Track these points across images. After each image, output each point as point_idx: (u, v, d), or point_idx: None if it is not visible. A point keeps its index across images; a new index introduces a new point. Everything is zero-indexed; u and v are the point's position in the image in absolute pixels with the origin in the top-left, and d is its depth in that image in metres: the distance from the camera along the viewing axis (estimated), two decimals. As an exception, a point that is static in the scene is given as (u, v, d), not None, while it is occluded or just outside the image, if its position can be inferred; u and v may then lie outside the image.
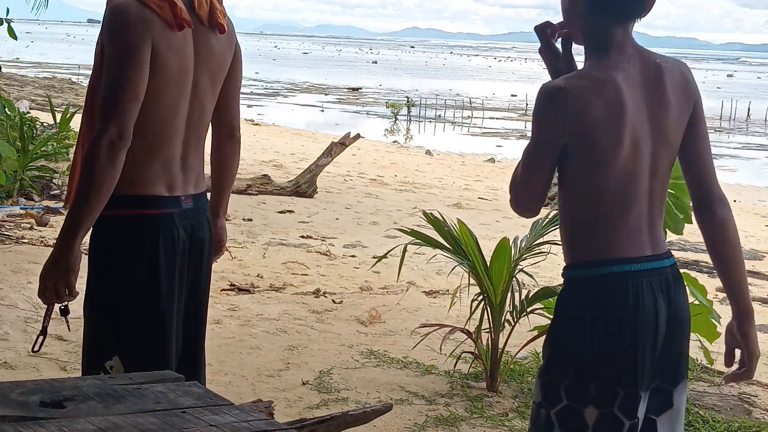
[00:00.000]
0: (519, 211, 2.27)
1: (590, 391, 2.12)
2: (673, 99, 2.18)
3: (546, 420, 2.19)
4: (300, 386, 4.49)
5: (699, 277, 7.54)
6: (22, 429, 1.52)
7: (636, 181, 2.15)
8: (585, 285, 2.17)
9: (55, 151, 10.91)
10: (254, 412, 1.72)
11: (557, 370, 2.18)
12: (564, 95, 2.10)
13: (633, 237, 2.16)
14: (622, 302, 2.11)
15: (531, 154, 2.19)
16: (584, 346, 2.13)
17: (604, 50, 2.16)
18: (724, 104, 44.09)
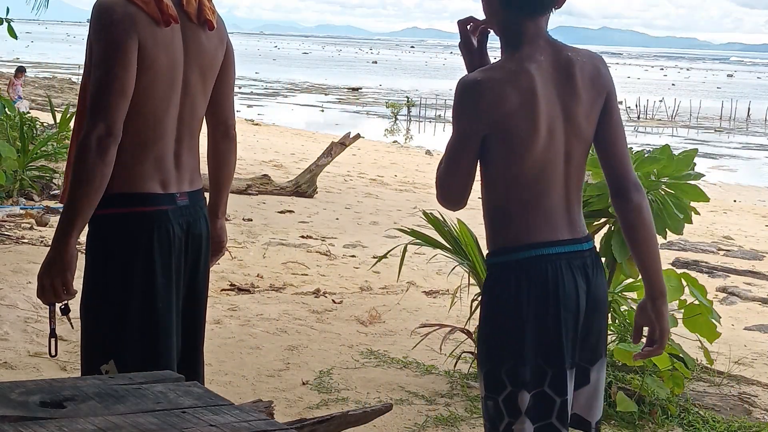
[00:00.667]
0: (445, 203, 2.34)
1: (522, 375, 2.21)
2: (584, 90, 2.26)
3: (495, 410, 2.25)
4: (300, 386, 4.49)
5: (699, 277, 7.54)
6: (22, 429, 1.52)
7: (551, 169, 2.24)
8: (507, 270, 2.25)
9: (55, 151, 10.91)
10: (254, 412, 1.71)
11: (495, 357, 2.26)
12: (481, 87, 2.19)
13: (550, 222, 2.25)
14: (542, 285, 2.21)
15: (453, 147, 2.27)
16: (513, 331, 2.22)
17: (517, 43, 2.25)
18: (724, 104, 44.08)
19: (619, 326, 4.74)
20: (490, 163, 2.25)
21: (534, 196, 2.24)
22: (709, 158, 27.53)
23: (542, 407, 2.22)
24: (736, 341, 6.07)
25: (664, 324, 2.37)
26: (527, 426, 2.23)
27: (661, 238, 4.22)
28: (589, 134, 2.30)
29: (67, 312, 2.54)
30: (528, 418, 2.22)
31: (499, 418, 2.25)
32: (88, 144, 2.38)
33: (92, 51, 2.48)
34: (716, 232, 13.60)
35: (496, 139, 2.21)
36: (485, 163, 2.26)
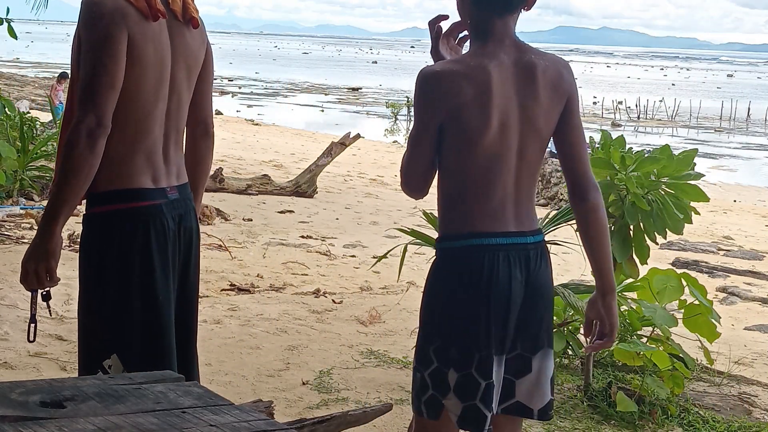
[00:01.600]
0: (408, 191, 2.45)
1: (452, 354, 2.34)
2: (544, 92, 2.35)
3: (422, 382, 2.40)
4: (300, 386, 4.49)
5: (699, 277, 7.54)
6: (22, 429, 1.52)
7: (502, 162, 2.33)
8: (449, 256, 2.38)
9: (55, 151, 10.91)
10: (254, 412, 1.71)
11: (427, 334, 2.40)
12: (438, 78, 2.29)
13: (495, 213, 2.34)
14: (477, 273, 2.32)
15: (414, 136, 2.38)
16: (447, 313, 2.36)
17: (482, 39, 2.36)
18: (724, 104, 44.08)
19: (619, 326, 4.74)
20: (444, 153, 2.35)
21: (482, 187, 2.34)
22: (709, 158, 27.53)
23: (468, 388, 2.34)
24: (736, 341, 6.07)
25: (613, 319, 2.46)
26: (456, 402, 2.36)
27: (661, 238, 4.23)
28: (546, 134, 2.40)
29: (48, 299, 2.58)
30: (456, 395, 2.35)
31: (423, 390, 2.39)
32: (78, 135, 2.40)
33: (81, 44, 2.50)
34: (716, 232, 13.60)
35: (450, 129, 2.31)
36: (440, 152, 2.36)
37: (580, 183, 2.45)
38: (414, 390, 2.44)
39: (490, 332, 2.33)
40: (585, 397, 4.40)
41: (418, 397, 2.41)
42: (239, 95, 44.15)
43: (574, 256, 5.16)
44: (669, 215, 4.14)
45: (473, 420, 2.36)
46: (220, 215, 10.15)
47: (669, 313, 4.46)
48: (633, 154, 4.26)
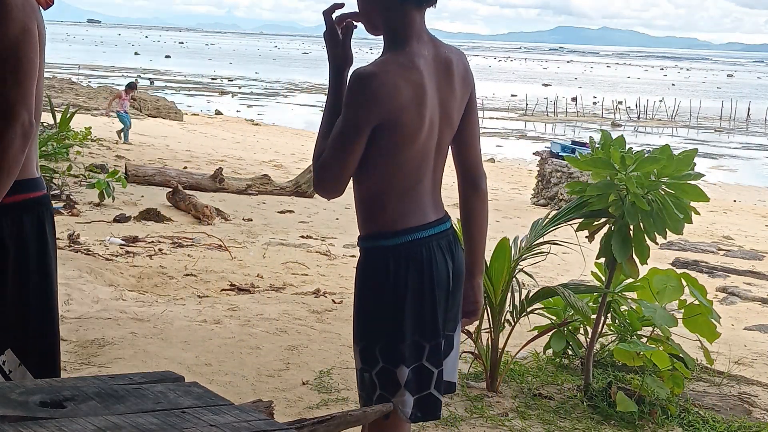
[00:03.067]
0: (325, 192, 2.42)
1: (400, 351, 2.37)
2: (458, 85, 2.42)
3: (370, 382, 2.42)
4: (300, 386, 4.49)
5: (699, 277, 7.55)
6: (22, 429, 1.51)
7: (428, 158, 2.40)
8: (385, 254, 2.38)
9: (55, 151, 10.93)
10: (254, 412, 1.71)
11: (371, 335, 2.40)
12: (377, 81, 2.26)
13: (423, 206, 2.43)
14: (419, 266, 2.37)
15: (345, 136, 2.32)
16: (391, 311, 2.36)
17: (406, 38, 2.35)
18: (724, 104, 44.06)
19: (619, 326, 4.74)
20: (377, 152, 2.33)
21: (412, 183, 2.39)
22: (709, 158, 27.54)
23: (421, 379, 2.40)
24: (736, 341, 6.07)
25: (479, 297, 2.62)
26: (407, 398, 2.40)
27: (661, 238, 4.23)
28: (456, 126, 2.47)
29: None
30: (408, 390, 2.40)
31: (373, 389, 2.43)
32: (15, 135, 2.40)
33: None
34: (716, 232, 13.60)
35: (387, 129, 2.30)
36: (370, 151, 2.34)
37: (474, 172, 2.57)
38: (363, 390, 2.46)
39: (437, 321, 2.41)
40: (585, 397, 4.40)
41: (369, 396, 2.44)
42: (239, 95, 44.18)
43: (574, 256, 5.16)
44: (669, 215, 4.14)
45: (429, 408, 2.44)
46: (220, 215, 10.16)
47: (669, 313, 4.46)
48: (633, 154, 4.25)
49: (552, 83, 69.74)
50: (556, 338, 4.88)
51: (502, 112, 42.69)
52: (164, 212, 9.72)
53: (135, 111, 26.40)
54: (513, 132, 34.03)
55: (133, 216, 9.38)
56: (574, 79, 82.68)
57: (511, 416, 4.21)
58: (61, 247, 7.30)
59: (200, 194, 11.09)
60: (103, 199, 9.88)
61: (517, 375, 4.76)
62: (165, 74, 55.77)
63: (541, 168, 16.29)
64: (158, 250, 7.85)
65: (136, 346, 4.87)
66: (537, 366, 4.96)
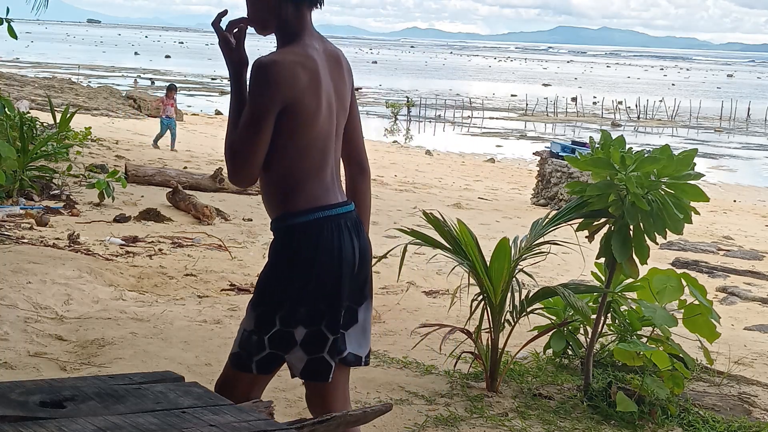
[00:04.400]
0: (239, 180, 2.56)
1: (300, 314, 2.57)
2: (346, 76, 2.70)
3: (257, 343, 2.60)
4: (300, 386, 4.47)
5: (699, 277, 7.54)
6: (22, 429, 1.51)
7: (329, 140, 2.61)
8: (298, 231, 2.57)
9: (55, 151, 10.91)
10: (254, 412, 1.71)
11: (274, 303, 2.58)
12: (277, 67, 2.46)
13: (329, 187, 2.63)
14: (329, 242, 2.58)
15: (254, 122, 2.50)
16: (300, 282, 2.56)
17: (299, 33, 2.58)
18: (724, 104, 44.05)
19: (619, 326, 4.74)
20: (282, 136, 2.52)
21: (317, 164, 2.59)
22: (709, 158, 27.53)
23: (316, 343, 2.60)
24: (736, 341, 6.07)
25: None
26: (301, 355, 2.61)
27: (661, 238, 4.23)
28: (348, 112, 2.71)
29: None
30: (302, 349, 2.60)
31: (258, 351, 2.61)
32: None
33: None
34: (716, 232, 13.60)
35: (290, 112, 2.49)
36: (275, 136, 2.52)
37: (362, 155, 2.82)
38: (245, 349, 2.62)
39: (340, 293, 2.60)
40: (585, 397, 4.40)
41: (249, 356, 2.62)
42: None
43: (574, 256, 5.16)
44: (669, 215, 4.14)
45: (320, 371, 2.64)
46: (220, 215, 10.15)
47: (669, 313, 4.46)
48: (633, 154, 4.25)
49: (552, 83, 69.73)
50: (556, 338, 4.88)
51: (502, 112, 42.68)
52: (164, 212, 9.71)
53: (135, 111, 26.43)
54: (513, 132, 34.03)
55: (133, 216, 9.38)
56: (574, 79, 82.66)
57: (511, 416, 4.20)
58: (61, 247, 7.30)
59: (200, 194, 11.08)
60: (103, 199, 9.88)
61: (517, 375, 4.76)
62: (165, 74, 55.75)
63: (541, 168, 16.29)
64: (158, 250, 7.84)
65: (136, 346, 4.86)
66: (537, 366, 4.96)
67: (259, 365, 2.65)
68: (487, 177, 20.20)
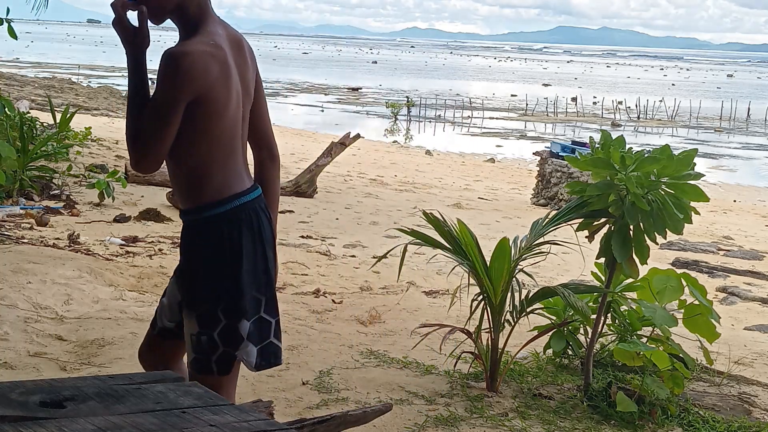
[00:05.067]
0: (145, 167, 2.54)
1: (241, 306, 2.58)
2: (250, 62, 2.70)
3: (209, 344, 2.59)
4: (300, 386, 4.49)
5: (699, 277, 7.54)
6: (22, 429, 1.51)
7: (238, 128, 2.62)
8: (219, 221, 2.58)
9: (55, 151, 10.91)
10: (254, 412, 1.71)
11: (213, 298, 2.58)
12: (189, 59, 2.45)
13: (241, 174, 2.65)
14: (251, 227, 2.60)
15: (163, 112, 2.48)
16: (231, 272, 2.57)
17: (204, 20, 2.56)
18: (724, 104, 44.06)
19: (619, 326, 4.74)
20: (193, 127, 2.51)
21: (229, 152, 2.60)
22: (709, 158, 27.54)
23: (261, 330, 2.63)
24: (736, 341, 6.07)
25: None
26: (251, 349, 2.61)
27: (661, 238, 4.23)
28: (253, 98, 2.73)
29: None
30: (251, 342, 2.61)
31: (213, 350, 2.59)
32: None
33: None
34: (716, 232, 13.60)
35: (201, 104, 2.48)
36: (186, 128, 2.51)
37: (270, 141, 2.87)
38: (201, 353, 2.60)
39: (270, 275, 2.65)
40: (585, 397, 4.40)
41: (207, 358, 2.60)
42: (239, 95, 44.08)
43: (574, 256, 5.16)
44: (669, 215, 4.14)
45: (271, 355, 2.67)
46: (220, 215, 10.15)
47: (669, 313, 4.46)
48: (633, 154, 4.25)
49: (552, 83, 69.74)
50: (556, 338, 4.89)
51: (502, 112, 42.68)
52: (164, 212, 9.71)
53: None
54: (513, 132, 34.03)
55: (133, 216, 9.38)
56: (574, 79, 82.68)
57: (511, 416, 4.21)
58: (61, 247, 7.30)
59: (200, 194, 11.08)
60: (103, 199, 9.88)
61: (517, 375, 4.77)
62: (165, 74, 55.67)
63: (541, 168, 16.29)
64: (158, 250, 7.84)
65: (136, 346, 4.84)
66: (537, 366, 4.96)
67: (219, 365, 2.61)
68: (487, 177, 20.20)
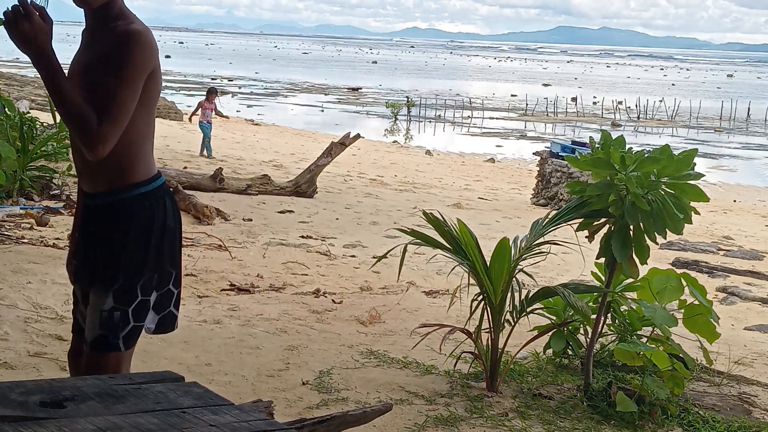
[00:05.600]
0: (105, 150, 2.52)
1: (155, 280, 2.70)
2: None
3: (121, 319, 2.66)
4: (300, 386, 4.49)
5: (699, 277, 7.54)
6: (22, 429, 1.51)
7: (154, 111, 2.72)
8: (147, 198, 2.67)
9: (55, 151, 10.90)
10: (254, 412, 1.71)
11: (133, 274, 2.66)
12: (146, 37, 2.54)
13: (153, 155, 2.75)
14: (169, 205, 2.72)
15: (129, 92, 2.52)
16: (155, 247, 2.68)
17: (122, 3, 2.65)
18: (724, 104, 44.06)
19: (619, 326, 4.74)
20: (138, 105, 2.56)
21: (151, 133, 2.69)
22: (709, 158, 27.54)
23: (164, 301, 2.75)
24: (736, 341, 6.07)
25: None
26: (153, 316, 2.74)
27: (661, 238, 4.23)
28: None
29: None
30: (154, 311, 2.74)
31: (124, 326, 2.67)
32: None
33: None
34: (716, 232, 13.60)
35: (150, 82, 2.57)
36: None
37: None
38: (109, 329, 2.65)
39: (181, 250, 2.80)
40: (585, 397, 4.40)
41: (116, 334, 2.66)
42: (239, 95, 44.15)
43: (574, 256, 5.16)
44: (669, 215, 4.14)
45: (168, 323, 2.80)
46: (220, 215, 10.15)
47: (669, 313, 4.46)
48: (633, 154, 4.25)
49: (552, 83, 69.74)
50: (556, 338, 4.88)
51: (502, 112, 42.68)
52: (164, 212, 9.71)
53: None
54: (513, 132, 34.03)
55: (133, 216, 9.37)
56: (574, 79, 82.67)
57: (511, 416, 4.21)
58: (61, 247, 7.29)
59: (200, 194, 11.08)
60: (103, 199, 9.88)
61: (517, 375, 4.77)
62: (165, 74, 55.62)
63: (541, 168, 16.29)
64: (158, 250, 7.84)
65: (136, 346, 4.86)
66: (537, 366, 4.96)
67: (126, 340, 2.69)
68: (487, 177, 20.20)
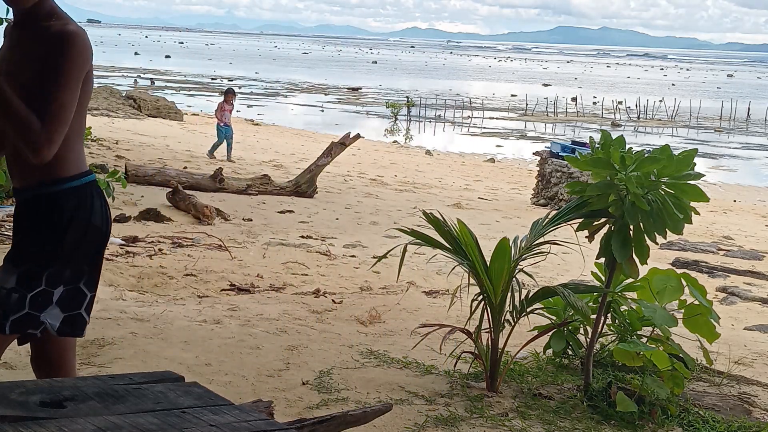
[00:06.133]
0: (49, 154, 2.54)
1: (65, 275, 2.67)
2: None
3: (17, 302, 2.63)
4: (300, 386, 4.49)
5: (699, 277, 7.54)
6: (22, 429, 1.51)
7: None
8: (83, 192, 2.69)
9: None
10: (254, 412, 1.71)
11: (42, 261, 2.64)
12: (84, 36, 2.58)
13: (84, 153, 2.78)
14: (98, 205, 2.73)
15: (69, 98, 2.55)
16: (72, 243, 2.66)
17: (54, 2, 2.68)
18: (724, 104, 44.06)
19: (619, 326, 4.74)
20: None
21: (82, 130, 2.72)
22: (709, 158, 27.54)
23: (74, 300, 2.71)
24: (736, 341, 6.07)
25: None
26: (57, 312, 2.68)
27: (661, 238, 4.23)
28: None
29: None
30: (58, 307, 2.68)
31: (18, 308, 2.63)
32: None
33: None
34: (716, 232, 13.60)
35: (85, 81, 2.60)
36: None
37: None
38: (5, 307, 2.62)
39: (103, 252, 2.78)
40: (585, 397, 4.40)
41: (6, 315, 2.63)
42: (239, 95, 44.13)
43: (574, 256, 5.16)
44: (669, 215, 4.14)
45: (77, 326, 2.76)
46: (220, 215, 10.15)
47: (669, 313, 4.46)
48: (633, 154, 4.25)
49: (552, 83, 69.75)
50: (556, 338, 4.88)
51: (502, 112, 42.68)
52: (164, 212, 9.72)
53: (135, 111, 26.41)
54: (513, 132, 34.03)
55: (133, 216, 9.38)
56: (574, 79, 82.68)
57: (511, 416, 4.20)
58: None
59: (200, 194, 11.09)
60: (103, 199, 9.88)
61: (517, 375, 4.76)
62: (165, 74, 55.75)
63: (541, 168, 16.29)
64: (158, 250, 7.84)
65: (136, 346, 4.86)
66: (537, 366, 4.96)
67: (14, 325, 2.65)
68: (487, 177, 20.20)
